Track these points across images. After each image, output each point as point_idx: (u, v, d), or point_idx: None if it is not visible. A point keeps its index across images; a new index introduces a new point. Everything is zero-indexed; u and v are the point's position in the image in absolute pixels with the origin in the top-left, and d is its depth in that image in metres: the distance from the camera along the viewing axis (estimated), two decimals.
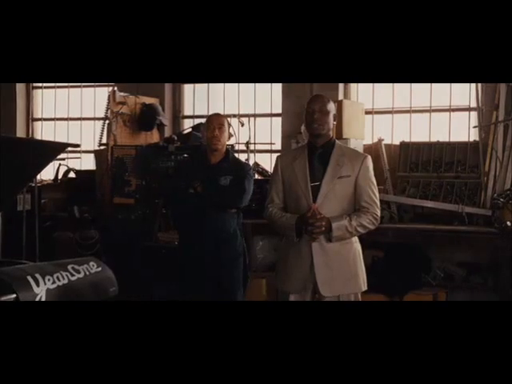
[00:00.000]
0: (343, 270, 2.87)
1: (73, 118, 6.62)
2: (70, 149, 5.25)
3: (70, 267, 2.76)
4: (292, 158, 2.97)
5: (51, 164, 5.75)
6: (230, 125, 3.62)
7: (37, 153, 2.87)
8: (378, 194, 2.94)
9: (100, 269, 2.93)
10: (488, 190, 4.79)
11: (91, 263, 2.89)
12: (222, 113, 5.57)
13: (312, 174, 2.88)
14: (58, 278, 2.67)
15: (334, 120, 2.95)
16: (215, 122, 3.52)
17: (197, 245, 3.49)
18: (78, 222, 5.34)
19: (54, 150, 3.12)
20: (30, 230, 4.71)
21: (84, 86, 6.50)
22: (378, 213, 2.90)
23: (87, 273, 2.82)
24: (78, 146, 3.13)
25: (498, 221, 4.48)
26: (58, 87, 6.66)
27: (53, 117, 6.73)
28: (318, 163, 2.90)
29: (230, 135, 3.64)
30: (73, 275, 2.77)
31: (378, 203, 2.92)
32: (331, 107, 2.91)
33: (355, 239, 2.93)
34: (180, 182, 3.57)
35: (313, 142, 2.94)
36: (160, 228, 4.96)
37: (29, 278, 2.43)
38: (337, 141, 2.99)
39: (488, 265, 4.76)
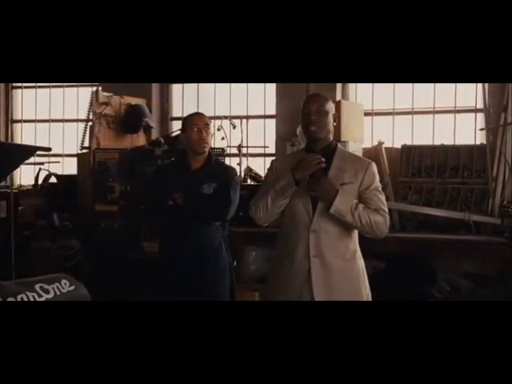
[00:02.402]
0: (345, 290, 2.61)
1: (54, 120, 6.43)
2: (51, 152, 5.01)
3: (37, 287, 2.64)
4: (289, 162, 2.73)
5: (32, 169, 5.69)
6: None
7: (3, 156, 2.66)
8: (386, 203, 2.69)
9: (73, 287, 2.83)
10: (496, 197, 4.62)
11: (63, 281, 2.80)
12: (212, 114, 5.44)
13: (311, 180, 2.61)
14: (22, 299, 2.49)
15: (334, 121, 2.72)
16: (201, 123, 3.28)
17: (178, 259, 3.24)
18: (58, 230, 5.13)
19: (22, 153, 2.92)
20: (5, 239, 4.41)
21: (66, 86, 6.32)
22: (388, 221, 2.65)
23: (58, 292, 2.71)
24: (49, 149, 2.91)
25: (507, 230, 4.34)
26: (39, 87, 6.49)
27: (33, 118, 6.55)
28: None
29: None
30: (40, 296, 2.62)
31: (387, 211, 2.67)
32: (330, 107, 2.68)
33: (359, 255, 2.69)
34: (158, 191, 3.30)
35: (311, 146, 2.70)
36: (145, 237, 4.77)
37: None
38: (338, 144, 2.76)
39: (496, 276, 4.56)
